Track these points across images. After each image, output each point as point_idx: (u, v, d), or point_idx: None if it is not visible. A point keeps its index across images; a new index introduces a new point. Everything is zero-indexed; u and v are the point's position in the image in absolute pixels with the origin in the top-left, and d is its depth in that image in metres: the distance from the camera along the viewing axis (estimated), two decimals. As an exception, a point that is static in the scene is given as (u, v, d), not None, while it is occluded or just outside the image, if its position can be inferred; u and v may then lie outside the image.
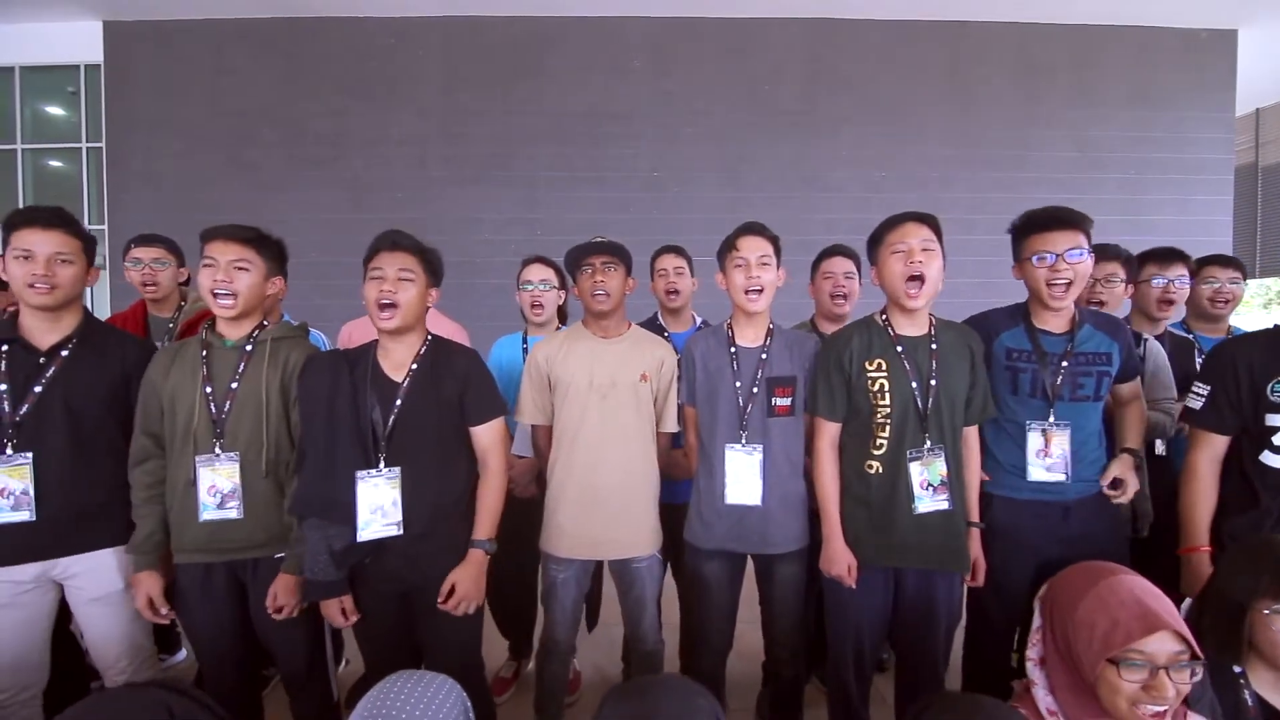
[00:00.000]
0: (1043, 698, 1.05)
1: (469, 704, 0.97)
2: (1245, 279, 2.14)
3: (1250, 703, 1.11)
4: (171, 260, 2.23)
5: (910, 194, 6.80)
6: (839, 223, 6.50)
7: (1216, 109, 7.01)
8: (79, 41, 6.88)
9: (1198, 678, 0.96)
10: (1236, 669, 1.13)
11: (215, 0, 6.63)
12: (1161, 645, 0.94)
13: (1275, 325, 1.49)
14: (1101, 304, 2.02)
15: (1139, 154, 6.95)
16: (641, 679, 0.99)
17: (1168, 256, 2.08)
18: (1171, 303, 2.08)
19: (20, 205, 7.14)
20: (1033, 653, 1.09)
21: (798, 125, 6.83)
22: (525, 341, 2.29)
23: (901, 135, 6.88)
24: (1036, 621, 1.10)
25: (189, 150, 6.82)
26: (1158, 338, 2.04)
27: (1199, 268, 2.15)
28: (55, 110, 7.33)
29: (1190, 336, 2.14)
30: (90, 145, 7.07)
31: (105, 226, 6.92)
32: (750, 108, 6.82)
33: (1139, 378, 1.76)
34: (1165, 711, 0.94)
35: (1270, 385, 1.41)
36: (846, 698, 1.60)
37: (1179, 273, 2.06)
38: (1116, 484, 1.59)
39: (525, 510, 1.99)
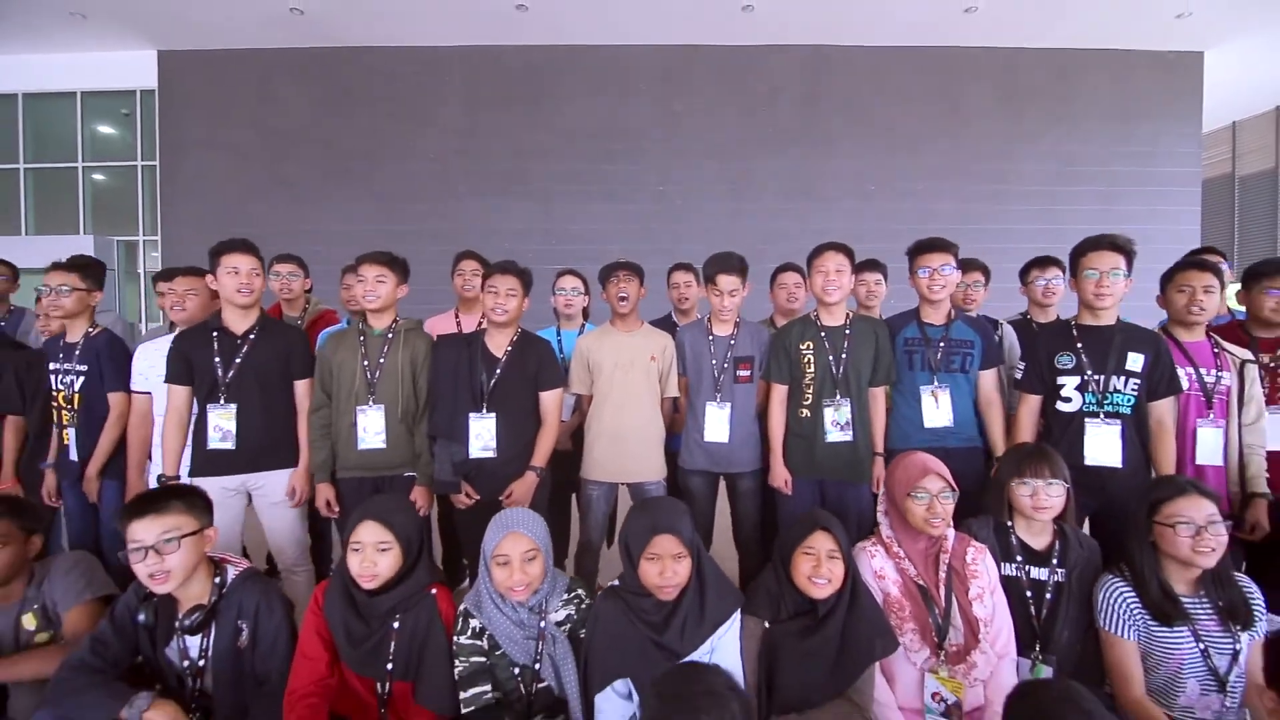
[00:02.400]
0: (885, 530, 1.89)
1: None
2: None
3: (1014, 543, 1.94)
4: (301, 273, 3.09)
5: (900, 206, 7.68)
6: (833, 232, 7.27)
7: (1185, 125, 7.81)
8: (136, 69, 7.85)
9: (953, 501, 1.79)
10: (1009, 523, 1.96)
11: (259, 32, 7.58)
12: (932, 484, 1.78)
13: (1060, 319, 2.34)
14: (973, 300, 2.86)
15: (1114, 167, 7.77)
16: (648, 499, 1.85)
17: (1045, 262, 2.90)
18: (1054, 293, 2.88)
19: (81, 219, 8.14)
20: (881, 507, 1.93)
21: (795, 143, 7.72)
22: (559, 335, 3.14)
23: (892, 152, 7.75)
24: (882, 490, 1.95)
25: (234, 167, 7.78)
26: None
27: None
28: (112, 131, 8.29)
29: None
30: (145, 163, 8.02)
31: (159, 238, 7.86)
32: (750, 127, 7.72)
33: (997, 370, 2.57)
34: (942, 522, 1.78)
35: (1055, 358, 2.25)
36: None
37: (1054, 274, 2.87)
38: None
39: (564, 466, 2.83)
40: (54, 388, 2.55)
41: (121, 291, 8.33)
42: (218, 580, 1.69)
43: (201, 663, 1.64)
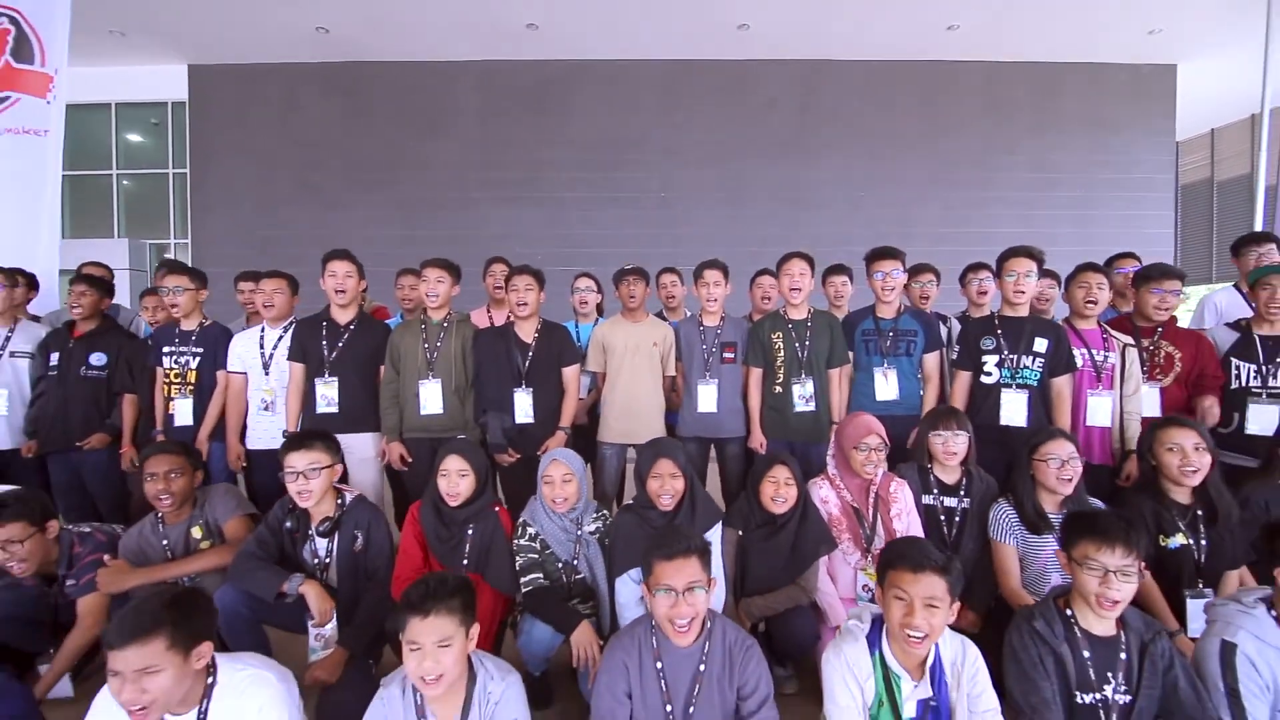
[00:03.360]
0: (831, 470, 2.57)
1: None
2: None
3: (932, 480, 2.61)
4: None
5: (887, 211, 8.36)
6: (824, 236, 8.04)
7: (1159, 134, 8.48)
8: (167, 81, 8.52)
9: (886, 452, 2.46)
10: (928, 465, 2.63)
11: (285, 46, 8.27)
12: (872, 440, 2.45)
13: (991, 313, 3.02)
14: (927, 296, 3.53)
15: (1090, 175, 8.43)
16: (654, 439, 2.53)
17: (977, 267, 3.57)
18: (985, 293, 3.54)
19: (115, 223, 8.83)
20: (830, 451, 2.61)
21: (788, 151, 8.40)
22: (576, 327, 3.81)
23: (880, 160, 8.43)
24: (833, 439, 2.62)
25: (261, 176, 8.47)
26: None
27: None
28: (143, 141, 8.99)
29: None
30: (175, 171, 8.72)
31: (189, 241, 8.55)
32: (746, 136, 8.41)
33: (938, 353, 3.22)
34: (875, 468, 2.45)
35: (980, 341, 2.92)
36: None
37: (984, 275, 3.53)
38: None
39: (581, 436, 3.49)
40: (165, 367, 3.22)
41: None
42: (340, 501, 2.37)
43: (328, 560, 2.32)
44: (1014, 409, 2.89)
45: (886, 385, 3.12)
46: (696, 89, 8.36)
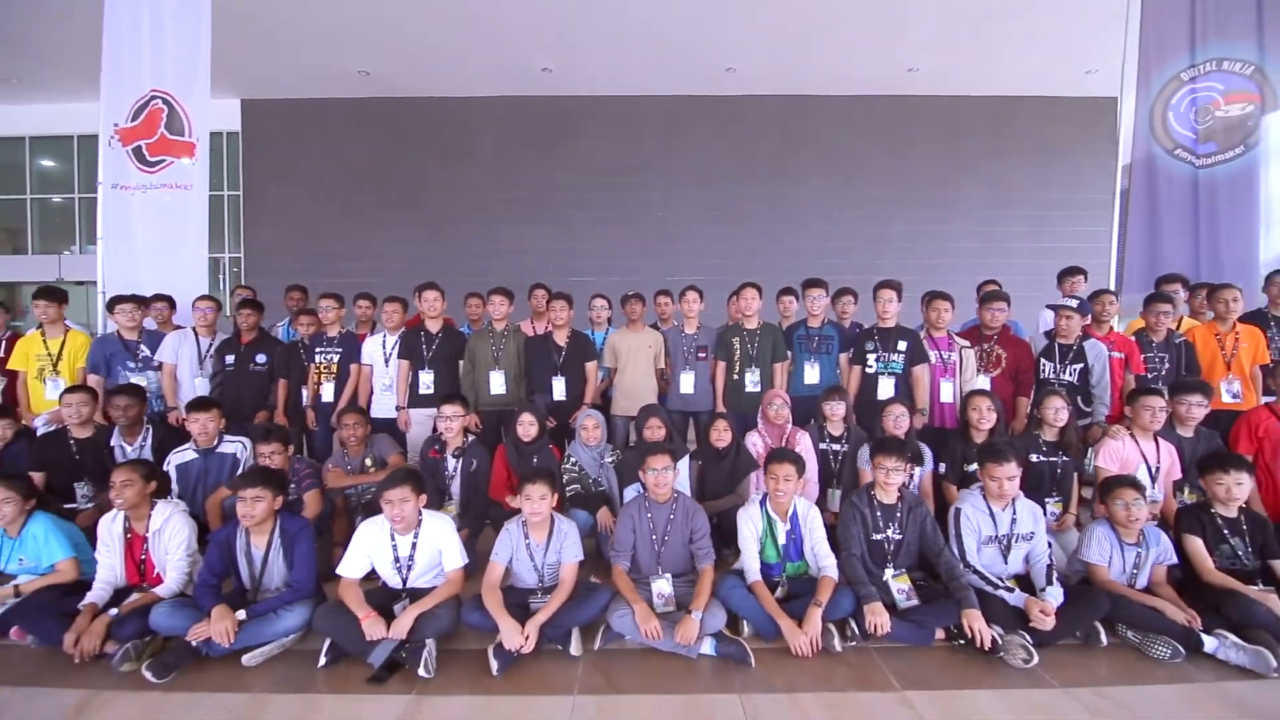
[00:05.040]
0: (760, 426, 4.36)
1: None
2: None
3: (826, 433, 4.39)
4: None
5: (860, 228, 10.15)
6: (803, 250, 9.84)
7: (1103, 159, 10.21)
8: (222, 114, 10.31)
9: (788, 409, 4.26)
10: (824, 423, 4.41)
11: (327, 84, 10.11)
12: (776, 401, 4.26)
13: (872, 325, 4.81)
14: (846, 313, 5.32)
15: (1041, 195, 10.21)
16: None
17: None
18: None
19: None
20: (760, 415, 4.40)
21: (772, 176, 10.20)
22: (592, 334, 5.59)
23: (854, 183, 10.22)
24: (760, 407, 4.42)
25: (306, 198, 10.29)
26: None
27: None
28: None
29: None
30: (230, 193, 10.53)
31: (241, 255, 10.37)
32: (736, 163, 10.21)
33: (849, 352, 5.01)
34: (783, 418, 4.24)
35: (865, 344, 4.71)
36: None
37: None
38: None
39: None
40: (316, 362, 5.01)
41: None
42: (466, 440, 4.16)
43: (454, 475, 4.11)
44: (885, 390, 4.67)
45: (812, 374, 4.92)
46: (690, 122, 10.17)
